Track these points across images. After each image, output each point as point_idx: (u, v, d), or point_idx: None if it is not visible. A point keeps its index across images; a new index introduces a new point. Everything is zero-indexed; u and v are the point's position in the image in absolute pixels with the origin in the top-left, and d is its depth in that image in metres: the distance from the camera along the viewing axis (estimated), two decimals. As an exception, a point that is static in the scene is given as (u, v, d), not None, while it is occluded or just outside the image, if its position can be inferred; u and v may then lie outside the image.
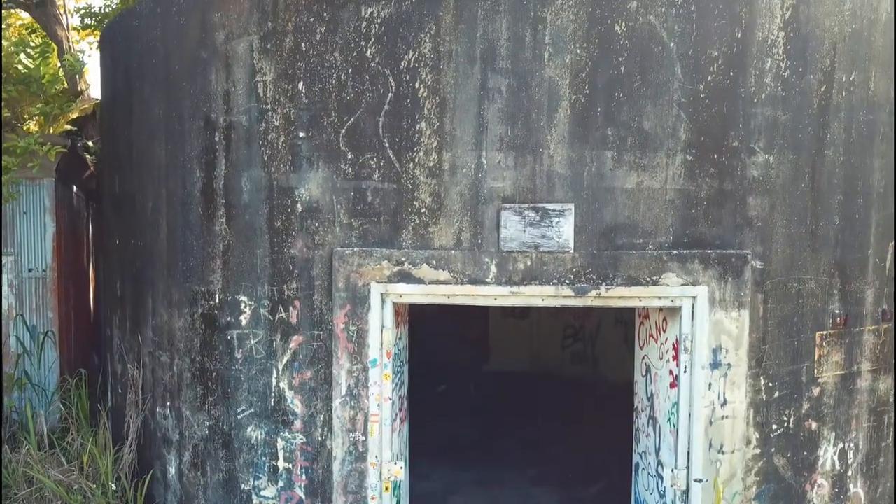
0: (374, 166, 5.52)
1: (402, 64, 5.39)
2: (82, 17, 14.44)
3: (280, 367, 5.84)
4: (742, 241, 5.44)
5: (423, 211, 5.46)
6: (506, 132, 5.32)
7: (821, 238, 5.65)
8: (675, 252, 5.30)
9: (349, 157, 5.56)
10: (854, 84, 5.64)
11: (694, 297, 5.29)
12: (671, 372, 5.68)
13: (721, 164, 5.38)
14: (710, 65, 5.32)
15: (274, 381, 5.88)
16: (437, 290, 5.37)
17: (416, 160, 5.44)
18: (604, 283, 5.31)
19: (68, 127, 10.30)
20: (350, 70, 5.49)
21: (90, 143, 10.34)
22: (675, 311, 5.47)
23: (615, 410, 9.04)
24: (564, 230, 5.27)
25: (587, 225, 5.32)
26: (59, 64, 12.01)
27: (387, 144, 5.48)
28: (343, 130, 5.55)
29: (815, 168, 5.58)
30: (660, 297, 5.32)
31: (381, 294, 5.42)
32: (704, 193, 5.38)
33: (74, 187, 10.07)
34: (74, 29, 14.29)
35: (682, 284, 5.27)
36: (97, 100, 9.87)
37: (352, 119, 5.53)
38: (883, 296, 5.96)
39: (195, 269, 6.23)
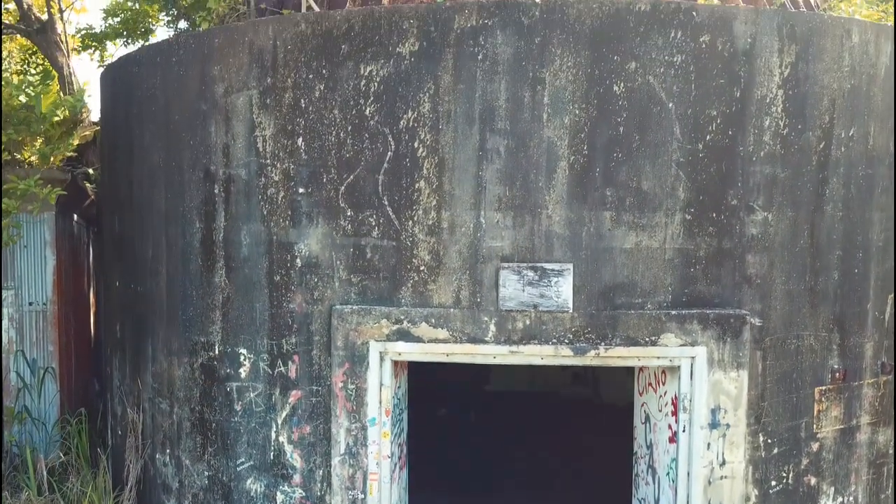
0: (373, 223, 5.53)
1: (402, 123, 5.40)
2: (83, 37, 14.46)
3: (279, 421, 5.85)
4: (741, 298, 5.45)
5: (422, 269, 5.46)
6: (504, 192, 5.32)
7: (820, 293, 5.65)
8: (673, 312, 5.30)
9: (349, 213, 5.57)
10: (853, 139, 5.65)
11: (693, 358, 5.30)
12: (670, 426, 5.68)
13: (720, 223, 5.39)
14: (709, 124, 5.32)
15: (273, 435, 5.88)
16: (435, 348, 5.38)
17: (416, 218, 5.45)
18: (602, 343, 5.31)
19: (69, 153, 10.30)
20: (349, 128, 5.50)
21: (90, 171, 10.34)
22: (674, 368, 5.47)
23: (614, 433, 9.00)
24: (563, 290, 5.28)
25: (586, 284, 5.33)
26: (59, 90, 12.02)
27: (386, 202, 5.48)
28: (342, 187, 5.56)
29: (814, 224, 5.59)
30: (658, 357, 5.32)
31: (380, 352, 5.43)
32: (703, 252, 5.38)
33: (75, 216, 10.08)
34: (75, 50, 14.30)
35: (681, 345, 5.28)
36: (97, 126, 9.87)
37: (351, 176, 5.54)
38: (882, 348, 5.96)
39: (195, 320, 6.24)
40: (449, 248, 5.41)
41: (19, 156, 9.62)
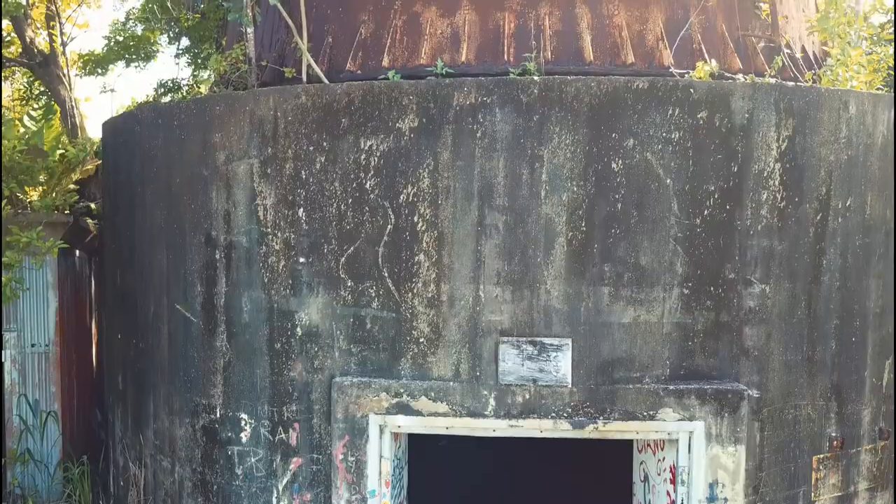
0: (373, 295, 5.57)
1: (402, 197, 5.44)
2: (84, 63, 14.54)
3: (280, 487, 5.89)
4: (739, 371, 5.48)
5: (421, 341, 5.50)
6: (503, 267, 5.36)
7: (817, 363, 5.68)
8: (671, 387, 5.34)
9: (349, 284, 5.61)
10: (850, 209, 5.68)
11: (691, 432, 5.33)
12: (668, 493, 5.71)
13: (717, 297, 5.42)
14: (707, 199, 5.36)
15: (274, 501, 5.92)
16: (435, 422, 5.42)
17: (415, 291, 5.49)
18: (601, 417, 5.35)
19: (72, 186, 10.35)
20: (350, 200, 5.54)
21: (93, 206, 10.38)
22: (672, 440, 5.51)
23: (615, 467, 8.97)
24: (562, 365, 5.32)
25: (584, 359, 5.36)
26: (61, 125, 12.09)
27: (386, 274, 5.53)
28: (343, 258, 5.60)
29: (812, 295, 5.62)
30: (657, 432, 5.36)
31: (380, 425, 5.47)
32: (701, 326, 5.42)
33: (77, 251, 10.12)
34: (78, 75, 14.37)
35: (679, 419, 5.31)
36: (99, 160, 9.91)
37: (351, 248, 5.58)
38: (880, 414, 5.99)
39: (196, 381, 6.28)
40: (448, 321, 5.45)
41: (21, 195, 9.66)
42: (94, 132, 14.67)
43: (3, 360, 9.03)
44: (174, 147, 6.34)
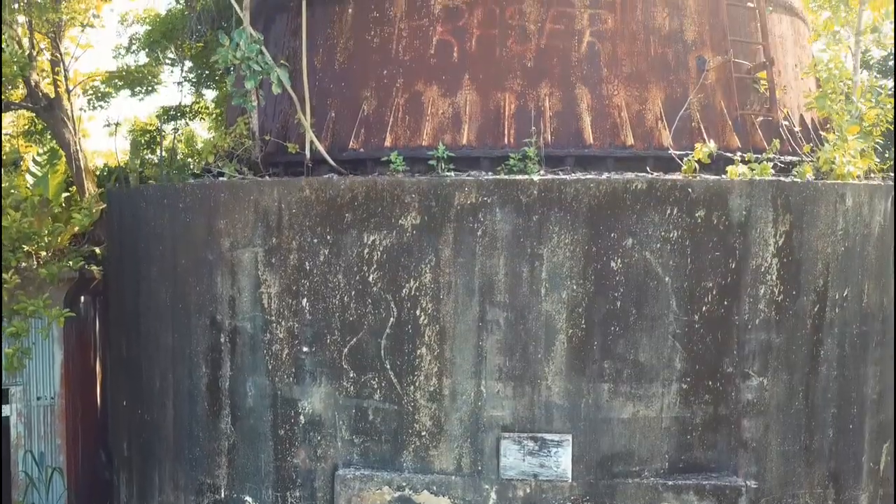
0: (375, 386, 5.64)
1: (404, 291, 5.52)
2: (89, 99, 14.65)
3: (285, 572, 5.96)
4: (737, 463, 5.55)
5: (423, 434, 5.57)
6: (504, 363, 5.44)
7: (815, 452, 5.75)
8: (670, 483, 5.40)
9: (351, 375, 5.68)
10: (847, 299, 5.74)
11: (689, 527, 5.40)
12: (668, 579, 5.78)
13: (716, 391, 5.49)
14: (705, 296, 5.43)
15: (279, 584, 5.99)
16: (437, 514, 5.49)
17: (417, 384, 5.56)
18: (601, 512, 5.42)
19: (76, 229, 10.43)
20: (353, 293, 5.62)
21: (97, 251, 10.46)
22: (671, 531, 5.58)
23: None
24: (563, 460, 5.39)
25: (585, 454, 5.43)
26: (66, 170, 12.18)
27: (388, 366, 5.60)
28: (346, 349, 5.68)
29: (809, 386, 5.68)
30: (656, 526, 5.42)
31: (383, 518, 5.54)
32: (699, 419, 5.49)
33: (82, 297, 10.20)
34: (83, 109, 14.46)
35: (678, 514, 5.38)
36: (103, 204, 9.98)
37: (354, 339, 5.65)
38: (877, 497, 6.05)
39: (201, 460, 6.35)
40: (450, 415, 5.52)
41: (28, 247, 9.72)
42: (97, 144, 14.63)
43: (8, 414, 9.12)
44: (179, 229, 6.42)
